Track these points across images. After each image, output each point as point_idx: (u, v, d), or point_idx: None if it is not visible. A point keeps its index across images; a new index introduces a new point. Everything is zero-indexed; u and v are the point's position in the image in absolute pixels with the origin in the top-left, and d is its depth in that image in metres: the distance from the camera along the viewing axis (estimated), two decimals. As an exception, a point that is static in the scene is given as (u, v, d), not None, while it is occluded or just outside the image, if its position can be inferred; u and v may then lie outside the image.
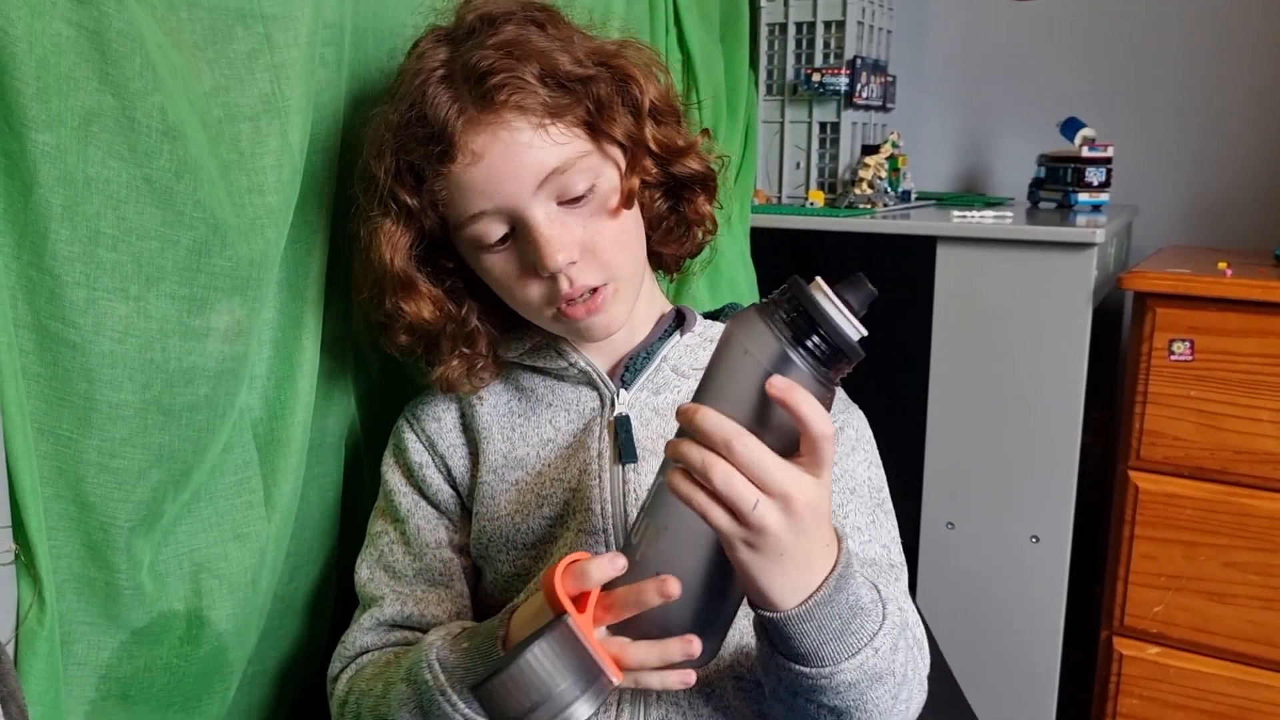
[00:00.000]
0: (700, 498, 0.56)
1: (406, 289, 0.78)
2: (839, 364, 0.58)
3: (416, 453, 0.84)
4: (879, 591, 0.65)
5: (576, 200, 0.74)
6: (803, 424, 0.55)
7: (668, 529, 0.62)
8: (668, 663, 0.62)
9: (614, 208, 0.77)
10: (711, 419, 0.56)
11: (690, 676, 0.63)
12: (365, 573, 0.83)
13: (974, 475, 1.36)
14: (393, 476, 0.85)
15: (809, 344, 0.57)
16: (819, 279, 0.58)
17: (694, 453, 0.56)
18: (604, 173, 0.76)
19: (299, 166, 0.73)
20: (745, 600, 0.64)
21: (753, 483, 0.55)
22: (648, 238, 0.83)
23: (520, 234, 0.75)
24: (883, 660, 0.63)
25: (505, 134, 0.72)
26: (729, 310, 0.91)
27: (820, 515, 0.58)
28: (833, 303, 0.57)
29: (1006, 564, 1.36)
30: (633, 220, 0.79)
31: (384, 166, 0.75)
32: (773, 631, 0.62)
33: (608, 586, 0.62)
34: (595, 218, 0.76)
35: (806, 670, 0.61)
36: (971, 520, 1.37)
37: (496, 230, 0.75)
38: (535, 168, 0.73)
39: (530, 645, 0.57)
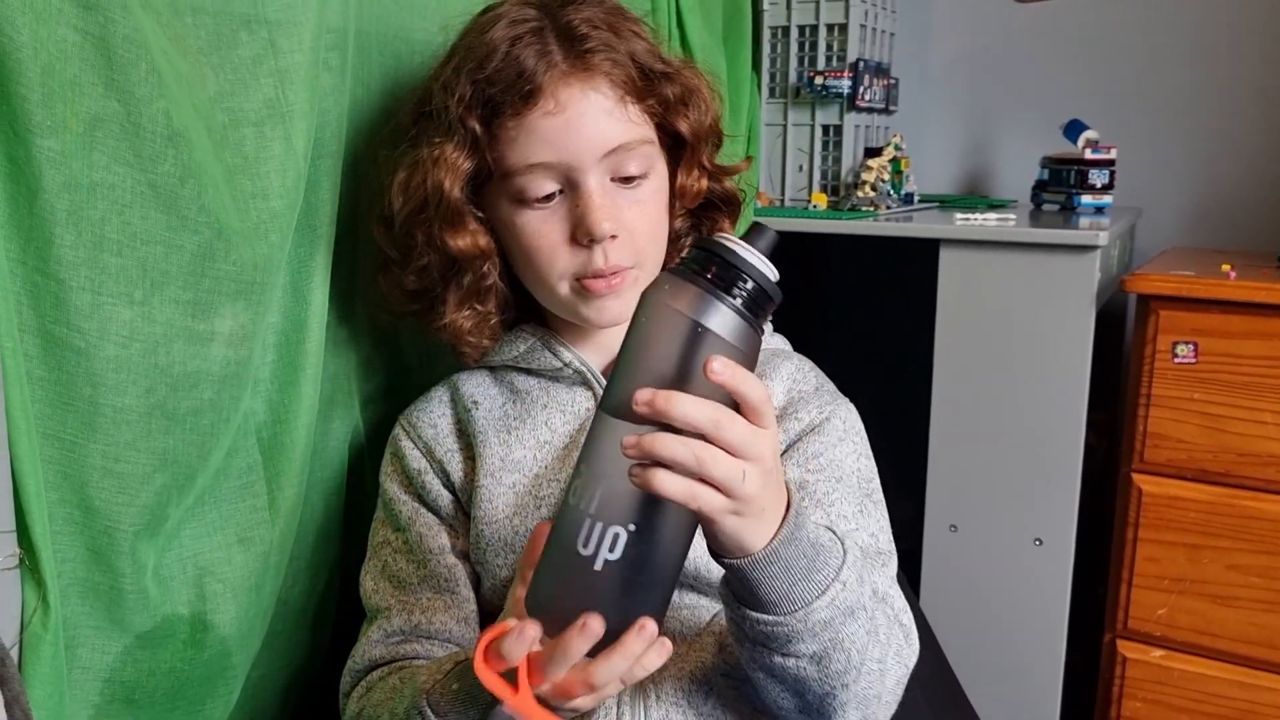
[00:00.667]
0: (699, 490, 0.55)
1: (456, 219, 0.78)
2: (766, 306, 0.58)
3: (414, 459, 0.84)
4: (833, 531, 0.66)
5: (627, 180, 0.77)
6: (743, 399, 0.56)
7: (647, 527, 0.58)
8: (637, 657, 0.60)
9: (658, 201, 0.80)
10: (691, 406, 0.54)
11: (668, 644, 0.61)
12: (370, 584, 0.83)
13: (977, 478, 1.36)
14: (391, 485, 0.85)
15: (738, 291, 0.56)
16: (722, 235, 0.59)
17: (681, 449, 0.55)
18: (656, 166, 0.80)
19: (303, 171, 0.73)
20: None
21: (735, 456, 0.56)
22: None
23: (570, 196, 0.77)
24: (852, 594, 0.63)
25: (593, 95, 0.75)
26: None
27: (779, 463, 0.60)
28: (750, 250, 0.57)
29: (1010, 566, 1.35)
30: (665, 222, 0.83)
31: (458, 95, 0.76)
32: (739, 585, 0.61)
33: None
34: (638, 204, 0.78)
35: (780, 618, 0.61)
36: (975, 523, 1.37)
37: (546, 186, 0.76)
38: (606, 137, 0.75)
39: None
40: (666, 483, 0.55)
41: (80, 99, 0.58)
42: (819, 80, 1.53)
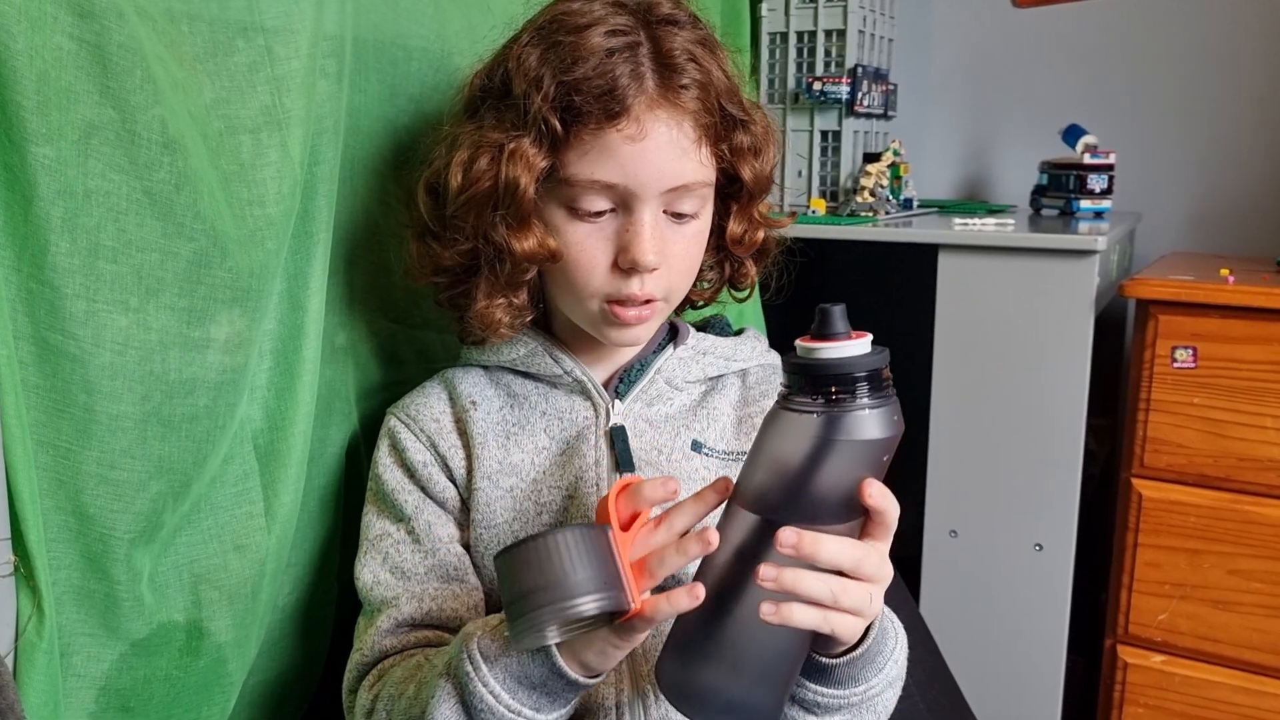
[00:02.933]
0: (832, 617, 0.60)
1: (524, 219, 0.76)
2: (881, 378, 0.59)
3: (417, 452, 0.83)
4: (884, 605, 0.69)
5: (679, 216, 0.77)
6: (883, 520, 0.61)
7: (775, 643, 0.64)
8: (690, 559, 0.63)
9: (700, 240, 0.80)
10: (837, 548, 0.60)
11: (699, 589, 0.61)
12: (369, 577, 0.81)
13: (977, 483, 1.35)
14: (392, 476, 0.83)
15: (847, 393, 0.58)
16: (798, 342, 0.60)
17: (820, 587, 0.60)
18: (707, 208, 0.80)
19: (299, 178, 0.73)
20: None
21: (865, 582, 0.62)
22: None
23: (622, 217, 0.76)
24: (899, 667, 0.69)
25: (675, 130, 0.74)
26: (713, 322, 0.93)
27: None
28: (836, 346, 0.58)
29: (1010, 572, 1.35)
30: (700, 259, 0.83)
31: (542, 92, 0.73)
32: (816, 668, 0.67)
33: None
34: (683, 240, 0.78)
35: (842, 693, 0.67)
36: (975, 528, 1.37)
37: (600, 203, 0.75)
38: (675, 174, 0.75)
39: (564, 529, 0.59)
40: (800, 615, 0.60)
41: (76, 107, 0.59)
42: (817, 86, 1.53)
